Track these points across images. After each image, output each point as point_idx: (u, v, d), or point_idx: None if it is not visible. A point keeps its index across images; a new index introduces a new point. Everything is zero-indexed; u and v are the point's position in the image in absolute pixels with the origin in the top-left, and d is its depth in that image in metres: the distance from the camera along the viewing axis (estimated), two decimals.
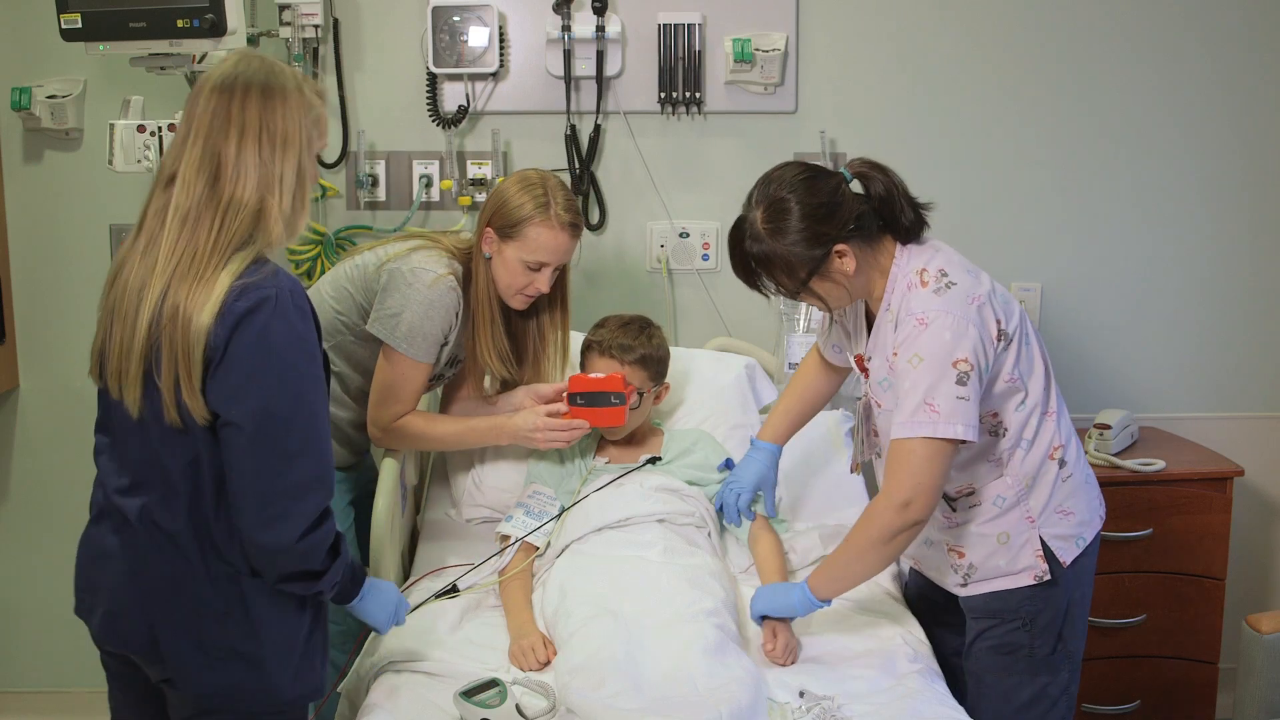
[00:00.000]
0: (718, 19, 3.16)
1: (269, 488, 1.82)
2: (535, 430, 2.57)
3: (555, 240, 2.53)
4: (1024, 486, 2.20)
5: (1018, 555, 2.21)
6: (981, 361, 2.09)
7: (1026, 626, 2.23)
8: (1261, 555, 3.46)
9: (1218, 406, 3.39)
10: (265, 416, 1.80)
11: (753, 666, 2.16)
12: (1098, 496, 2.32)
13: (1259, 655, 2.62)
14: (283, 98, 1.87)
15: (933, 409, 2.06)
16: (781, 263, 2.16)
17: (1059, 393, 2.28)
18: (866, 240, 2.18)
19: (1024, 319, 2.21)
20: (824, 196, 2.15)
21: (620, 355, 2.62)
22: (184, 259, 1.81)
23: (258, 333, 1.79)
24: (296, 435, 1.83)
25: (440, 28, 3.09)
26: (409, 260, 2.54)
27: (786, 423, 2.59)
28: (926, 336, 2.08)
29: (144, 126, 2.79)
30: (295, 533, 1.85)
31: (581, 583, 2.34)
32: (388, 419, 2.58)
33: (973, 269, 2.20)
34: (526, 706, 2.08)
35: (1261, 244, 3.33)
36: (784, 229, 2.14)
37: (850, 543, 2.18)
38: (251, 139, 1.84)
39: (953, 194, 3.27)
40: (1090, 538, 2.26)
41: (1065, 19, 3.22)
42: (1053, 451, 2.21)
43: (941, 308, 2.10)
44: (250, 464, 1.82)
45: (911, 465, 2.08)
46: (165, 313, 1.80)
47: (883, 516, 2.12)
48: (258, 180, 1.83)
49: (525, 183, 2.55)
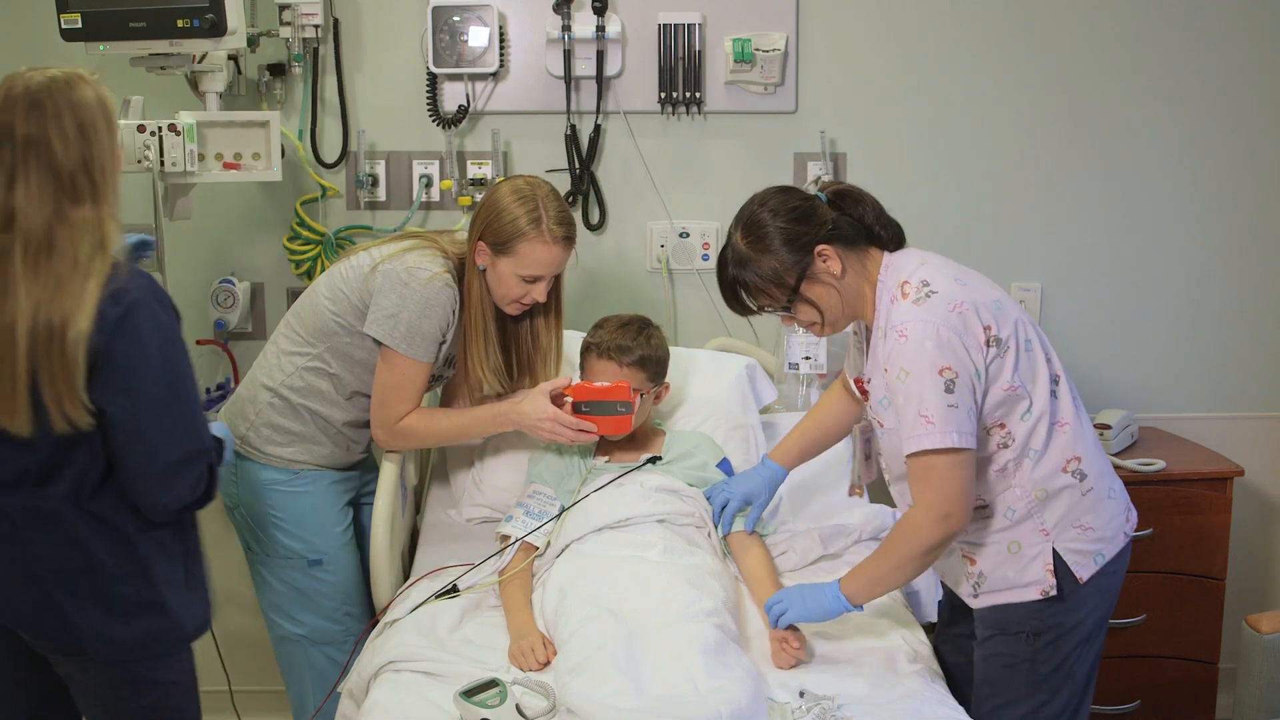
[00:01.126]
0: (718, 19, 3.16)
1: (160, 464, 2.03)
2: (542, 420, 2.56)
3: (549, 254, 2.53)
4: (1035, 499, 2.16)
5: (1026, 568, 2.18)
6: (968, 367, 2.08)
7: (1029, 641, 2.20)
8: (1261, 555, 3.46)
9: (1218, 406, 3.39)
10: (149, 404, 2.00)
11: (753, 666, 2.15)
12: (1123, 512, 2.25)
13: (1259, 655, 2.62)
14: (70, 108, 1.97)
15: (928, 420, 2.06)
16: (770, 274, 2.18)
17: (1078, 405, 2.23)
18: (849, 245, 2.20)
19: (1026, 327, 2.18)
20: (797, 203, 2.20)
21: (619, 357, 2.62)
22: (48, 283, 1.94)
23: (133, 332, 1.96)
24: (178, 415, 2.04)
25: (440, 28, 3.09)
26: (403, 260, 2.53)
27: (799, 448, 2.58)
28: (909, 348, 2.08)
29: (144, 126, 2.79)
30: (187, 490, 2.08)
31: (581, 583, 2.34)
32: (391, 420, 2.58)
33: (964, 277, 2.18)
34: (526, 706, 2.08)
35: (1261, 244, 3.33)
36: (764, 238, 2.18)
37: (890, 553, 2.18)
38: (58, 154, 1.96)
39: (952, 194, 3.28)
40: (1112, 554, 2.21)
41: (1065, 19, 3.22)
42: (1067, 464, 2.17)
43: (920, 317, 2.09)
44: (140, 447, 2.01)
45: (936, 478, 2.09)
46: (40, 336, 1.92)
47: (923, 530, 2.11)
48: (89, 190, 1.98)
49: (517, 195, 2.53)
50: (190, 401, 2.07)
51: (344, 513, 2.74)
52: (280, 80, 3.17)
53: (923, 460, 2.09)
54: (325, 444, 2.67)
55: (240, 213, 3.23)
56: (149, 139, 2.79)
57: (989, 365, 2.11)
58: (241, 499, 2.68)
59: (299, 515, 2.66)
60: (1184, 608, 3.04)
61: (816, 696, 2.09)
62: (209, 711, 3.34)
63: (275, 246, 3.25)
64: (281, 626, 2.73)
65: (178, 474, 2.05)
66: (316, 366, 2.62)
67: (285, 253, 3.23)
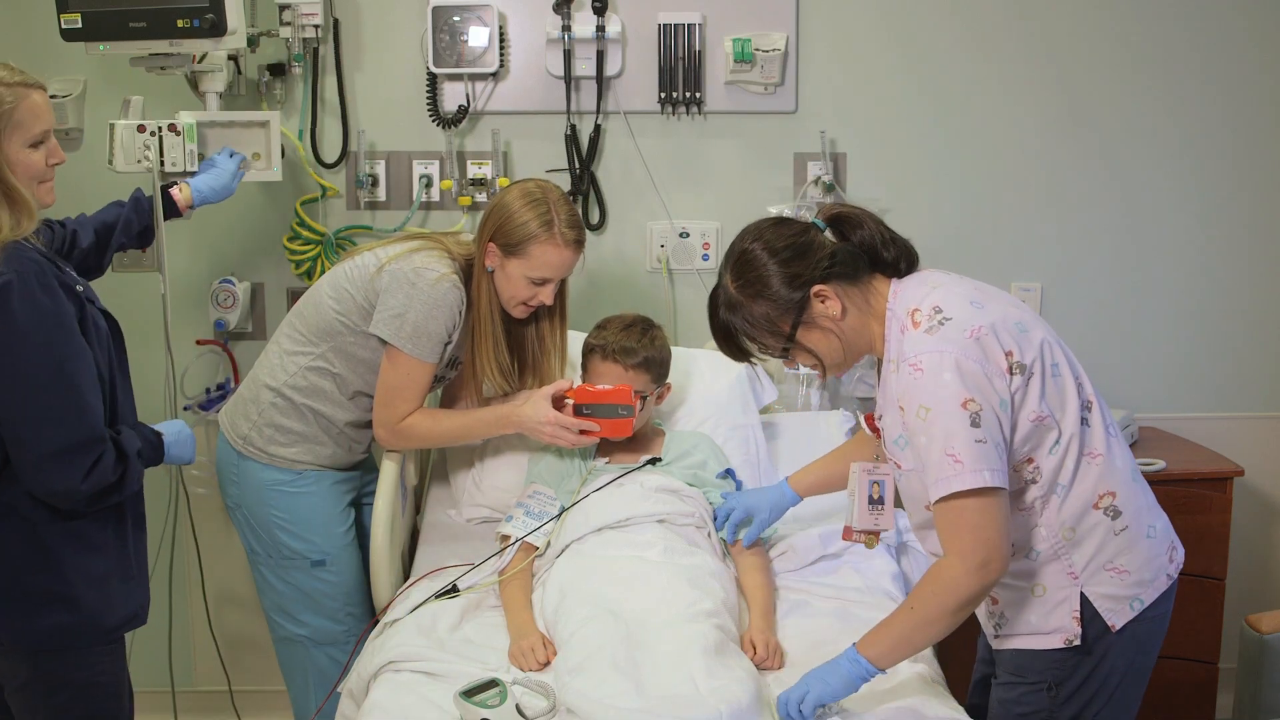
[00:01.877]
0: (718, 19, 3.16)
1: (45, 449, 2.02)
2: (544, 424, 2.56)
3: (560, 257, 2.53)
4: (1062, 539, 1.99)
5: (1052, 613, 2.01)
6: (993, 398, 1.90)
7: (1050, 693, 2.03)
8: (1261, 555, 3.46)
9: (1218, 406, 3.39)
10: (25, 388, 2.00)
11: (753, 666, 2.16)
12: (1165, 552, 2.06)
13: (1259, 655, 2.62)
14: None
15: (955, 459, 1.88)
16: (763, 320, 2.03)
17: (1113, 432, 2.03)
18: (850, 280, 2.03)
19: (1053, 349, 2.00)
20: (790, 239, 2.03)
21: (624, 359, 2.61)
22: None
23: (4, 314, 1.97)
24: (61, 399, 2.02)
25: (440, 28, 3.09)
26: (410, 260, 2.54)
27: (819, 480, 2.49)
28: (926, 382, 1.91)
29: (144, 126, 2.79)
30: (77, 479, 2.05)
31: (581, 583, 2.34)
32: (395, 420, 2.58)
33: (981, 298, 2.00)
34: (526, 706, 2.08)
35: (1261, 244, 3.33)
36: (755, 281, 2.02)
37: (918, 610, 1.97)
38: None
39: (953, 194, 3.28)
40: (1151, 599, 2.02)
41: (1066, 19, 3.22)
42: (1099, 500, 1.98)
43: (935, 347, 1.92)
44: (22, 433, 2.03)
45: (969, 523, 1.90)
46: None
47: (960, 581, 1.91)
48: None
49: (528, 198, 2.54)
50: (77, 389, 2.05)
51: (346, 513, 2.74)
52: (280, 80, 3.17)
53: (954, 504, 1.90)
54: (328, 444, 2.67)
55: (240, 213, 3.23)
56: (149, 139, 2.79)
57: (1014, 394, 1.94)
58: (243, 499, 2.68)
59: (302, 516, 2.66)
60: (1184, 608, 3.01)
61: None
62: (209, 711, 3.37)
63: (275, 246, 3.25)
64: (284, 627, 2.73)
65: (65, 461, 2.03)
66: (319, 366, 2.62)
67: (285, 253, 3.23)
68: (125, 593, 2.20)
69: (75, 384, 2.05)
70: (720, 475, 2.68)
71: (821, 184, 3.20)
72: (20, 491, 2.08)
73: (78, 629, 2.13)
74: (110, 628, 2.18)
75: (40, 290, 2.01)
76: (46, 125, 2.09)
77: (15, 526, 2.09)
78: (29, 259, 2.03)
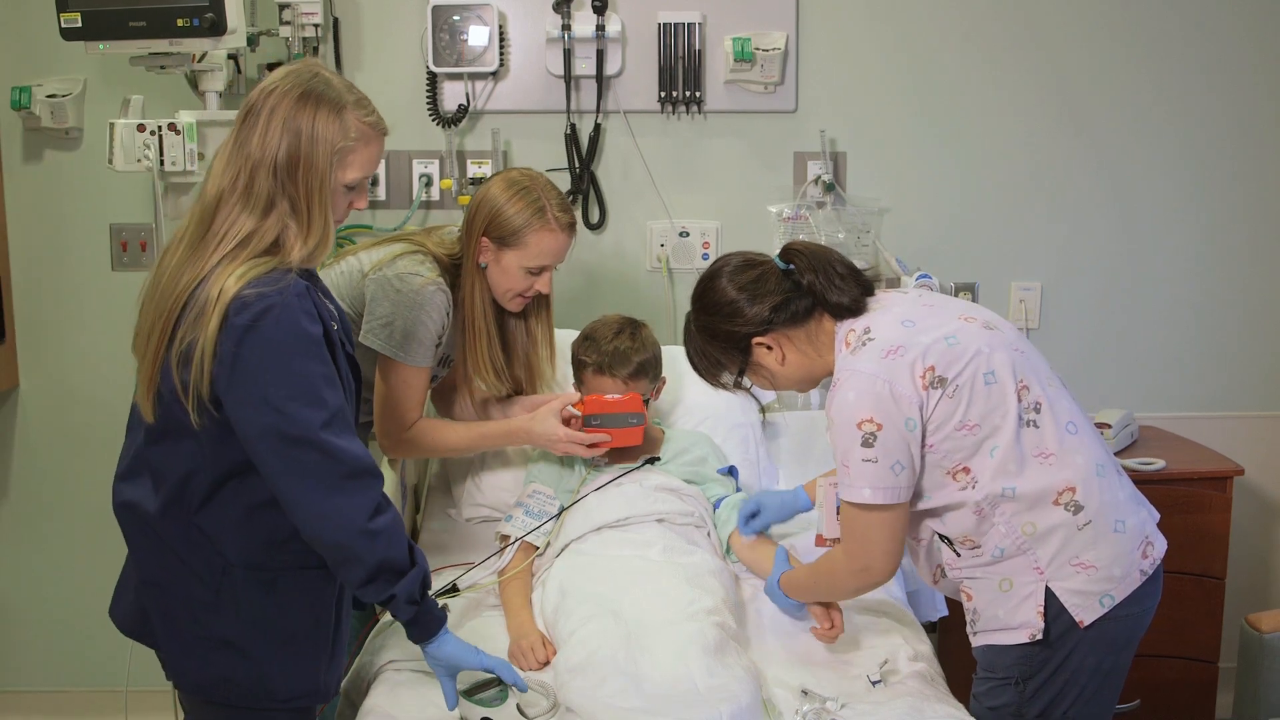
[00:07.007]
0: (718, 18, 3.16)
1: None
2: (556, 442, 2.54)
3: (556, 243, 2.53)
4: (1024, 535, 2.02)
5: (1018, 608, 2.04)
6: (896, 417, 1.99)
7: (1018, 687, 2.07)
8: (1261, 555, 3.46)
9: (1218, 406, 3.39)
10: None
11: (752, 666, 2.16)
12: (1137, 548, 2.06)
13: (1259, 655, 2.62)
14: (315, 108, 1.89)
15: (847, 471, 2.03)
16: (713, 361, 2.22)
17: (1075, 430, 2.06)
18: (795, 323, 2.15)
19: (989, 358, 2.03)
20: (738, 291, 2.16)
21: (619, 371, 2.58)
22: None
23: (263, 339, 1.80)
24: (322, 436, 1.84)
25: (440, 27, 3.09)
26: (394, 267, 2.51)
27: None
28: (835, 398, 2.05)
29: (144, 126, 2.78)
30: (360, 518, 1.84)
31: (581, 582, 2.34)
32: (399, 429, 2.56)
33: (916, 317, 2.08)
34: (527, 706, 2.08)
35: (1261, 244, 3.33)
36: (705, 328, 2.21)
37: (822, 573, 2.23)
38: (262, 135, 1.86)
39: (952, 193, 3.28)
40: (1123, 596, 2.03)
41: (1065, 20, 3.22)
42: (1057, 496, 2.01)
43: (849, 366, 2.05)
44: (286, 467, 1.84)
45: (857, 531, 2.07)
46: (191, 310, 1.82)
47: (841, 578, 2.16)
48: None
49: (515, 188, 2.52)
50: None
51: None
52: None
53: (848, 510, 2.07)
54: None
55: None
56: (149, 138, 2.78)
57: (935, 408, 2.01)
58: None
59: None
60: (1184, 607, 3.04)
61: (819, 696, 2.09)
62: None
63: None
64: None
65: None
66: None
67: None
68: (308, 665, 1.97)
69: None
70: (721, 472, 2.68)
71: (821, 183, 3.20)
72: (219, 523, 1.90)
73: (243, 685, 1.93)
74: (282, 697, 1.95)
75: (303, 316, 1.84)
76: (371, 173, 1.98)
77: (202, 560, 1.90)
78: (301, 287, 1.87)
